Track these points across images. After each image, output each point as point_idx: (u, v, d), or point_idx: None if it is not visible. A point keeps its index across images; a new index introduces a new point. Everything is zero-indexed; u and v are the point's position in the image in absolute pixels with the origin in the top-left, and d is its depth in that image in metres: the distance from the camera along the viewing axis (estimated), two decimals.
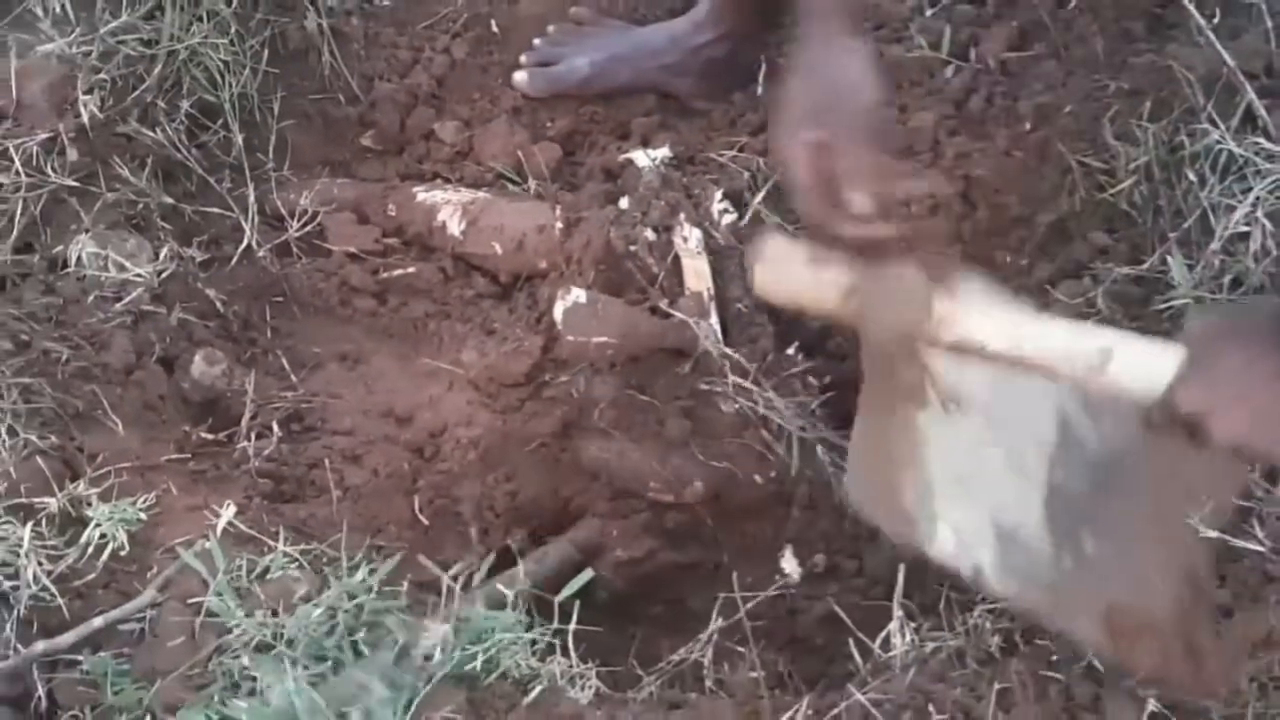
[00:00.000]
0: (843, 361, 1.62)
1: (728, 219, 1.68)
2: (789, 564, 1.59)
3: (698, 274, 1.62)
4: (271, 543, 1.40)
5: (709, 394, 1.57)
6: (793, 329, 1.63)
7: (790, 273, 1.22)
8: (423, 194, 1.81)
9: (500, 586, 1.42)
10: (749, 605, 1.46)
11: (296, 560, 1.38)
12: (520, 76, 1.90)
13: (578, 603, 1.39)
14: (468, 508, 1.59)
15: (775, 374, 1.57)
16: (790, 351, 1.61)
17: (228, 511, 1.42)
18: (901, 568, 1.39)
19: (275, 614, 1.31)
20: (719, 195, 1.69)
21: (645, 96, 1.88)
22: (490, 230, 1.76)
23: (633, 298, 1.63)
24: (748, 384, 1.54)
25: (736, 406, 1.55)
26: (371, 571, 1.36)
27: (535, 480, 1.61)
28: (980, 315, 1.16)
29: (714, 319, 1.60)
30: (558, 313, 1.62)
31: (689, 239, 1.63)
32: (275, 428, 1.58)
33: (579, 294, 1.62)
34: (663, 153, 1.74)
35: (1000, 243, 1.64)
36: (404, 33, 1.95)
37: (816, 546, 1.57)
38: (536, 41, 1.93)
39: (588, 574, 1.47)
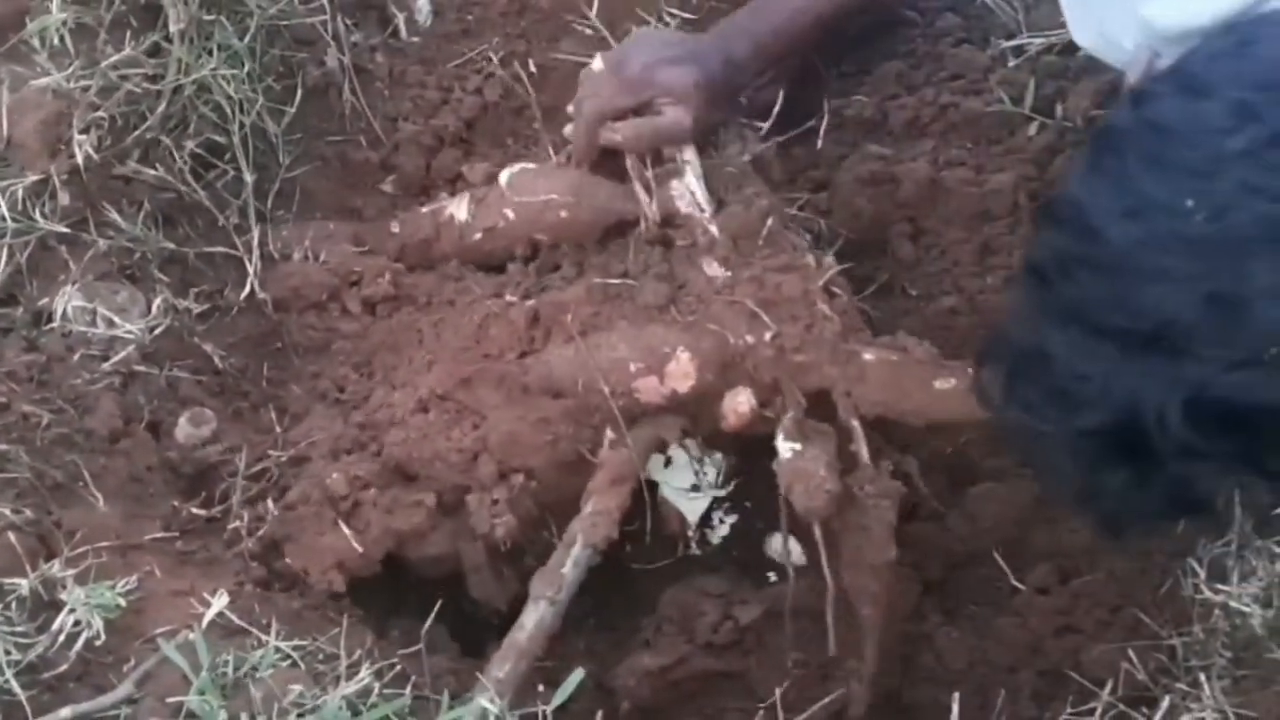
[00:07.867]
0: None
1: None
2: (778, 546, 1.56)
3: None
4: (263, 635, 1.39)
5: (690, 253, 1.54)
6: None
7: None
8: (428, 206, 1.81)
9: (484, 702, 1.36)
10: None
11: (290, 658, 1.37)
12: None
13: (599, 713, 1.37)
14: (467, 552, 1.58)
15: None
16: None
17: (219, 600, 1.41)
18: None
19: None
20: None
21: None
22: (502, 200, 1.72)
23: None
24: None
25: (727, 272, 1.53)
26: (376, 674, 1.34)
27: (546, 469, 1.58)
28: None
29: (695, 179, 1.59)
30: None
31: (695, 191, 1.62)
32: (270, 504, 1.57)
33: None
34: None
35: None
36: (432, 71, 1.94)
37: None
38: None
39: (579, 675, 1.39)
